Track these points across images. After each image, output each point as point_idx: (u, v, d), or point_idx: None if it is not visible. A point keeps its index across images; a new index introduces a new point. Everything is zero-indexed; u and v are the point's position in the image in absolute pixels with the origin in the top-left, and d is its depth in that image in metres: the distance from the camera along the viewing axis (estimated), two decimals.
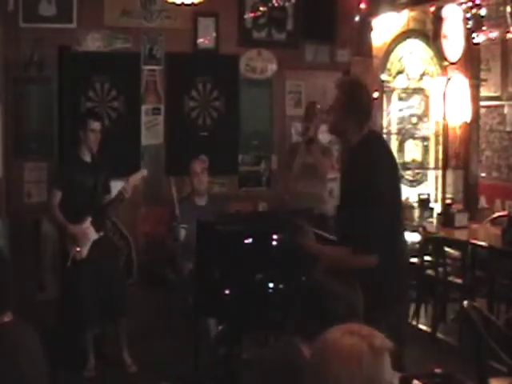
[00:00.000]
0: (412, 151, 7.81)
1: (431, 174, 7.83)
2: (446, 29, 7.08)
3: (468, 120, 7.00)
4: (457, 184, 7.32)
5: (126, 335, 5.22)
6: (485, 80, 6.92)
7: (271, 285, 3.63)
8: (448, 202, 6.78)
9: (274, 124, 6.83)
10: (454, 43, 7.01)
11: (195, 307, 3.86)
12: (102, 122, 5.33)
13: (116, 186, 5.27)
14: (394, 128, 7.70)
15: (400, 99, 7.72)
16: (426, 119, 7.80)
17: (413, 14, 7.22)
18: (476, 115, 6.99)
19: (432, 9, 6.96)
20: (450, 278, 5.89)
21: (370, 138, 3.32)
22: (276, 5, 6.56)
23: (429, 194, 7.27)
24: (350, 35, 6.98)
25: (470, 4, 6.32)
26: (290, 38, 6.81)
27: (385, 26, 7.25)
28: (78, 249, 4.95)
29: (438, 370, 2.92)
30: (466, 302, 3.65)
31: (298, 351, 2.30)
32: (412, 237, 6.09)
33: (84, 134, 5.12)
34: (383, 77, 7.46)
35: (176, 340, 4.63)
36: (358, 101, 3.27)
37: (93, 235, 5.03)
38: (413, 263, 5.76)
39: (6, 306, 2.45)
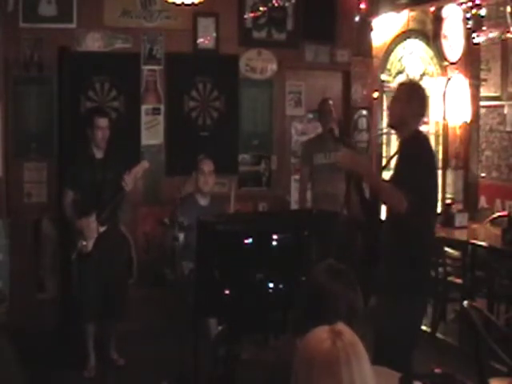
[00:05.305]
0: None
1: None
2: (446, 29, 7.08)
3: (468, 120, 7.00)
4: (457, 184, 7.31)
5: (114, 333, 5.31)
6: (485, 80, 6.92)
7: (271, 285, 3.63)
8: (448, 201, 6.77)
9: (273, 124, 6.83)
10: (453, 43, 7.01)
11: (195, 307, 3.85)
12: (108, 118, 5.29)
13: None
14: None
15: None
16: (426, 119, 7.78)
17: (413, 14, 7.22)
18: (476, 115, 6.99)
19: (432, 9, 6.96)
20: (450, 278, 5.89)
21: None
22: (276, 5, 6.56)
23: None
24: (350, 35, 6.98)
25: (470, 4, 6.32)
26: (290, 37, 6.81)
27: (385, 26, 7.25)
28: (84, 242, 4.99)
29: (437, 370, 2.92)
30: (465, 302, 3.64)
31: None
32: None
33: (91, 132, 5.11)
34: (383, 77, 7.45)
35: (176, 340, 4.62)
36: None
37: (98, 229, 5.03)
38: None
39: None
